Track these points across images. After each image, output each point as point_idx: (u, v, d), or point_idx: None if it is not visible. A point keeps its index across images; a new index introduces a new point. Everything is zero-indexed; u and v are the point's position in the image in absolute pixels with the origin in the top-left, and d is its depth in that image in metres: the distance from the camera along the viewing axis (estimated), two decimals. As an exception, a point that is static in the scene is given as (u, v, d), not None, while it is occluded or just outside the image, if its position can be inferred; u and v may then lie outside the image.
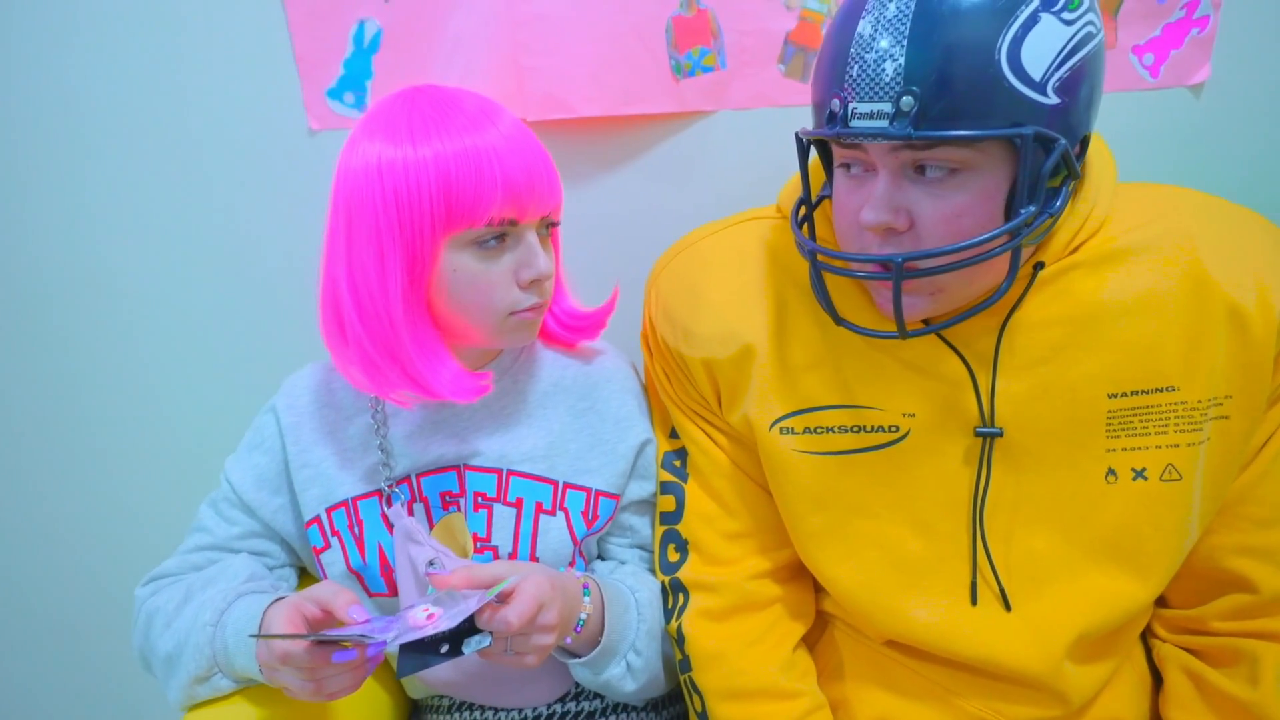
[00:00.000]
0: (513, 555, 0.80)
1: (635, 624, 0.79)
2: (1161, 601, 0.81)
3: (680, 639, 0.80)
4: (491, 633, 0.64)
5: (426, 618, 0.63)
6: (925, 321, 0.71)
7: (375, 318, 0.71)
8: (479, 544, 0.80)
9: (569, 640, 0.75)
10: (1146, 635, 0.83)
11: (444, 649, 0.63)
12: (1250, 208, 0.73)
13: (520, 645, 0.67)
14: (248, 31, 0.96)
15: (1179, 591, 0.79)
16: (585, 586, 0.76)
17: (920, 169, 0.61)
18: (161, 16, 0.96)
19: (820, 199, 0.73)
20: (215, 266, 1.07)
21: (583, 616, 0.74)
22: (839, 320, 0.70)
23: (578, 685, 0.86)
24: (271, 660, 0.65)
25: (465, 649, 0.64)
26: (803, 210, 0.73)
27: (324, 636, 0.62)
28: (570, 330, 0.86)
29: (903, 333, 0.66)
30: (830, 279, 0.72)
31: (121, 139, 1.01)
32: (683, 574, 0.82)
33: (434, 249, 0.70)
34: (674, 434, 0.85)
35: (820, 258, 0.68)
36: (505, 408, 0.83)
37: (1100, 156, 0.70)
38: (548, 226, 0.76)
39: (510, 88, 0.94)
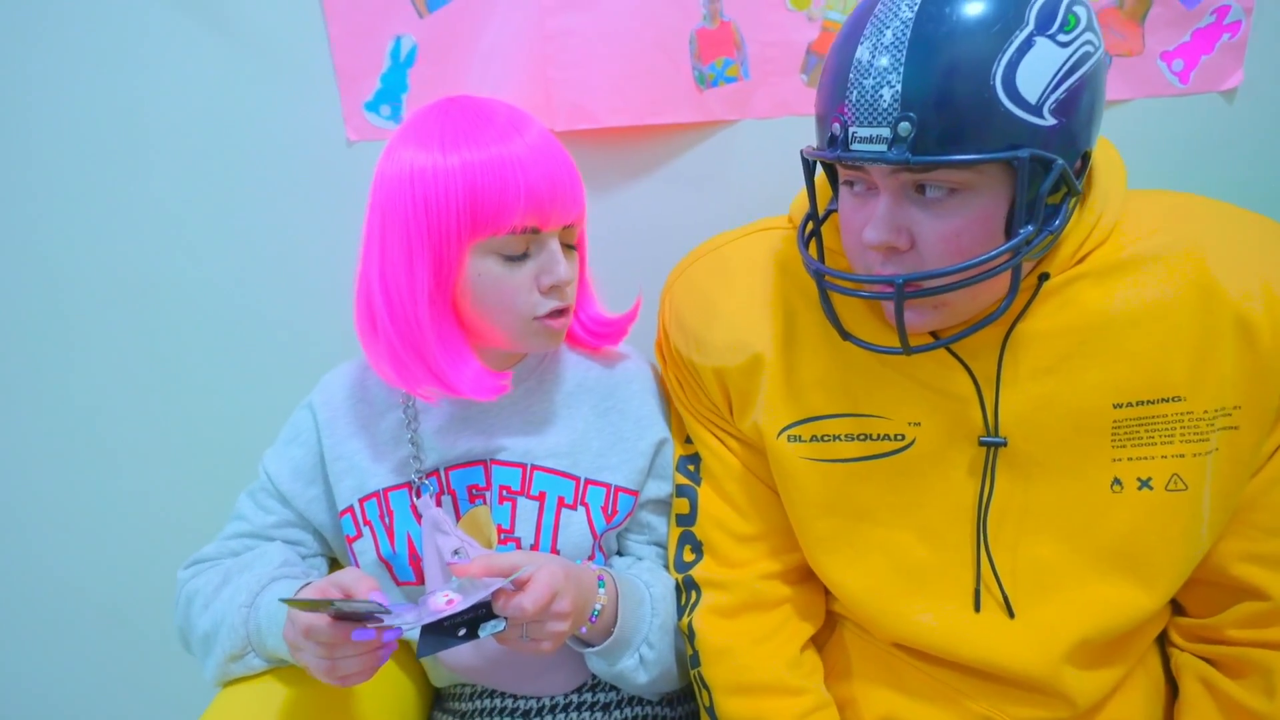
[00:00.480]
0: (534, 547, 0.82)
1: (649, 618, 0.81)
2: (1179, 610, 0.80)
3: (691, 634, 0.82)
4: (507, 618, 0.66)
5: (446, 603, 0.66)
6: (934, 335, 0.71)
7: (403, 317, 0.73)
8: (503, 535, 0.82)
9: (584, 630, 0.76)
10: (1164, 643, 0.82)
11: (461, 632, 0.66)
12: (1284, 215, 0.71)
13: (535, 631, 0.69)
14: (291, 47, 0.99)
15: (1194, 599, 0.78)
16: (600, 579, 0.78)
17: (920, 189, 0.62)
18: (210, 33, 0.99)
19: (828, 213, 0.74)
20: (257, 270, 1.09)
21: (597, 607, 0.76)
22: (845, 335, 0.70)
23: (595, 676, 0.87)
24: (296, 636, 0.66)
25: (481, 632, 0.66)
26: (809, 227, 0.73)
27: (345, 605, 0.64)
28: (595, 335, 0.87)
29: (906, 350, 0.66)
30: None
31: (170, 148, 1.04)
32: (696, 572, 0.83)
33: (460, 253, 0.72)
34: (688, 439, 0.86)
35: (826, 278, 0.68)
36: (531, 406, 0.85)
37: (1109, 164, 0.69)
38: (571, 235, 0.78)
39: (538, 99, 0.96)
